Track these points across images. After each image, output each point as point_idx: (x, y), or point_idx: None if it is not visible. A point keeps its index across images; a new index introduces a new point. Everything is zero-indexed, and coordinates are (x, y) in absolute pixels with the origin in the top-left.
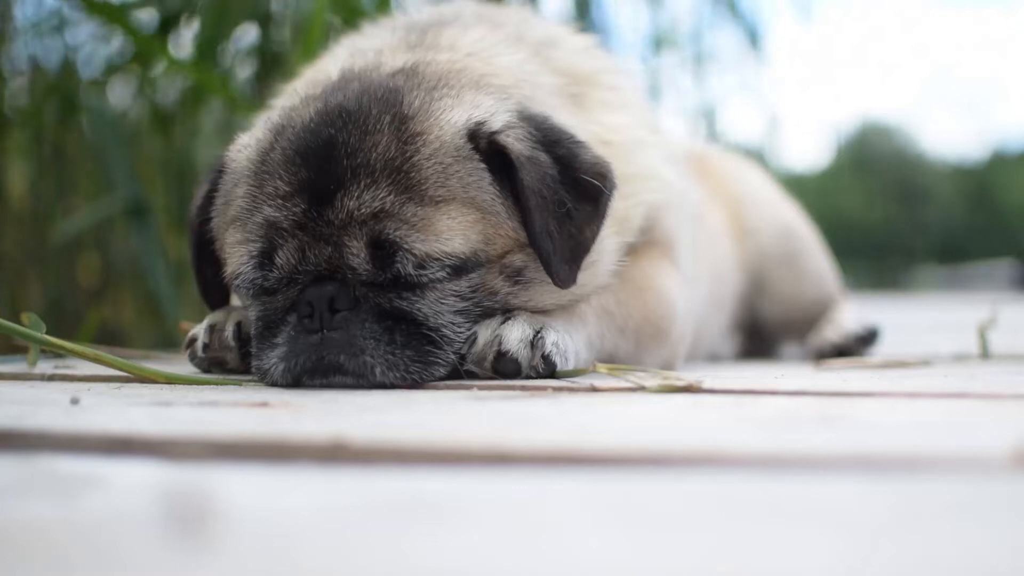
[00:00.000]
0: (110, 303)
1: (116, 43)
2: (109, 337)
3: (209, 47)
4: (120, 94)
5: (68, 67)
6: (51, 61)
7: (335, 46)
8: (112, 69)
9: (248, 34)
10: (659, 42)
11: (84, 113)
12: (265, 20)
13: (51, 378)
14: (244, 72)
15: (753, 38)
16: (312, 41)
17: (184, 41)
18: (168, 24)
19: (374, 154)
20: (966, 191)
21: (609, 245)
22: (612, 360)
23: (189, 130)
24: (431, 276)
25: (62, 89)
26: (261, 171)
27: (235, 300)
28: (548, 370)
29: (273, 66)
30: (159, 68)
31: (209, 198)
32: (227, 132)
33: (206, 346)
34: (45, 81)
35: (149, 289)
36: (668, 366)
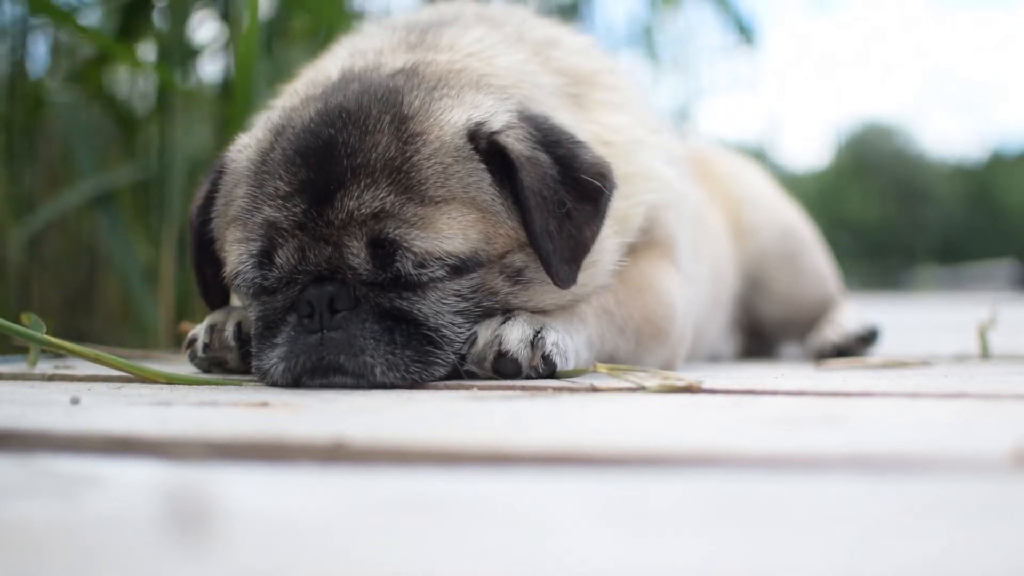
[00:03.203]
0: (99, 301)
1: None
2: (97, 336)
3: (170, 46)
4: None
5: (23, 69)
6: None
7: (335, 46)
8: (75, 73)
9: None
10: (648, 31)
11: (51, 109)
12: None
13: (51, 378)
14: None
15: (741, 26)
16: (249, 41)
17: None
18: (128, 22)
19: (374, 154)
20: (966, 191)
21: (609, 245)
22: (612, 360)
23: (156, 133)
24: (431, 275)
25: (30, 89)
26: (261, 171)
27: (235, 300)
28: (548, 370)
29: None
30: (122, 69)
31: (209, 198)
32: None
33: (206, 346)
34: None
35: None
36: (668, 366)
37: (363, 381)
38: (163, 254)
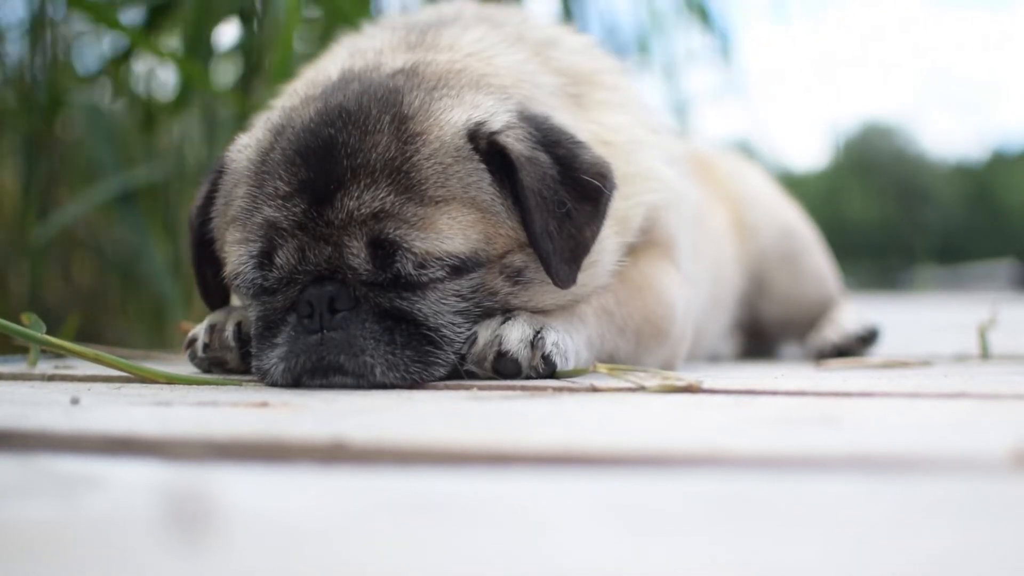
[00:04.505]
0: (101, 303)
1: (105, 42)
2: (100, 337)
3: (195, 42)
4: (103, 94)
5: (56, 65)
6: (37, 59)
7: (335, 46)
8: (100, 68)
9: (231, 32)
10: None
11: (71, 109)
12: (248, 16)
13: (51, 378)
14: (228, 72)
15: (724, 43)
16: (287, 38)
17: (168, 42)
18: (154, 18)
19: (374, 154)
20: (966, 191)
21: (609, 245)
22: (612, 360)
23: (175, 130)
24: (431, 276)
25: (49, 87)
26: (261, 171)
27: (235, 300)
28: (548, 370)
29: (258, 64)
30: (144, 65)
31: (209, 198)
32: (212, 133)
33: (206, 346)
34: (29, 81)
35: (141, 288)
36: (668, 366)
37: (363, 381)
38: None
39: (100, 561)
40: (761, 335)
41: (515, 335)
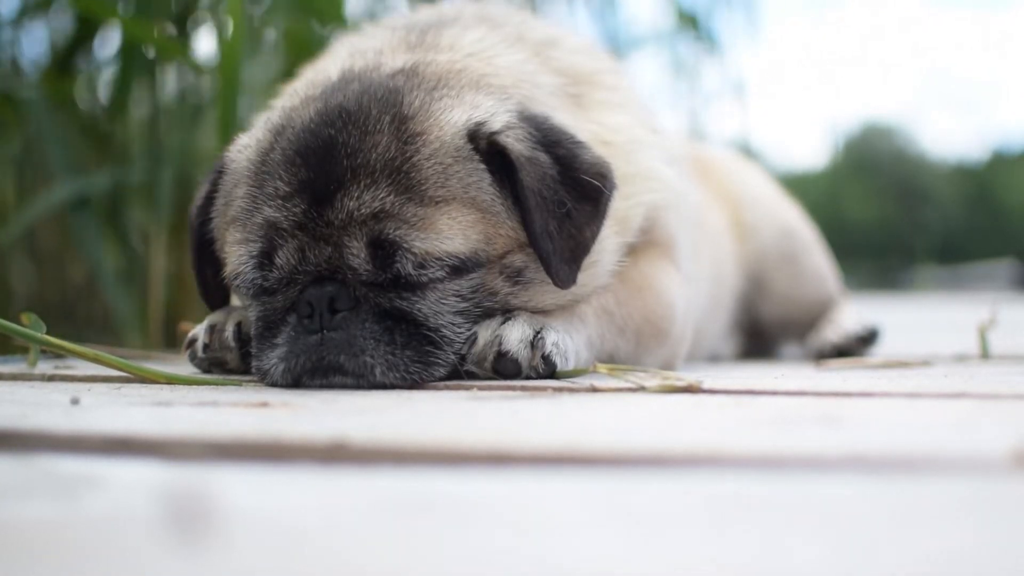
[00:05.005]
0: (99, 302)
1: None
2: (96, 337)
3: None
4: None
5: (9, 63)
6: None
7: (335, 46)
8: (47, 62)
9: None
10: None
11: (24, 107)
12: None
13: (51, 378)
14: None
15: (712, 46)
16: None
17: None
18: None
19: (374, 154)
20: (966, 191)
21: (609, 245)
22: (612, 360)
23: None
24: (431, 276)
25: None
26: (261, 171)
27: (235, 300)
28: (548, 370)
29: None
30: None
31: (209, 198)
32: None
33: (206, 346)
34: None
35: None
36: (668, 366)
37: (363, 381)
38: (154, 256)
39: (100, 561)
40: (761, 335)
41: (515, 335)
